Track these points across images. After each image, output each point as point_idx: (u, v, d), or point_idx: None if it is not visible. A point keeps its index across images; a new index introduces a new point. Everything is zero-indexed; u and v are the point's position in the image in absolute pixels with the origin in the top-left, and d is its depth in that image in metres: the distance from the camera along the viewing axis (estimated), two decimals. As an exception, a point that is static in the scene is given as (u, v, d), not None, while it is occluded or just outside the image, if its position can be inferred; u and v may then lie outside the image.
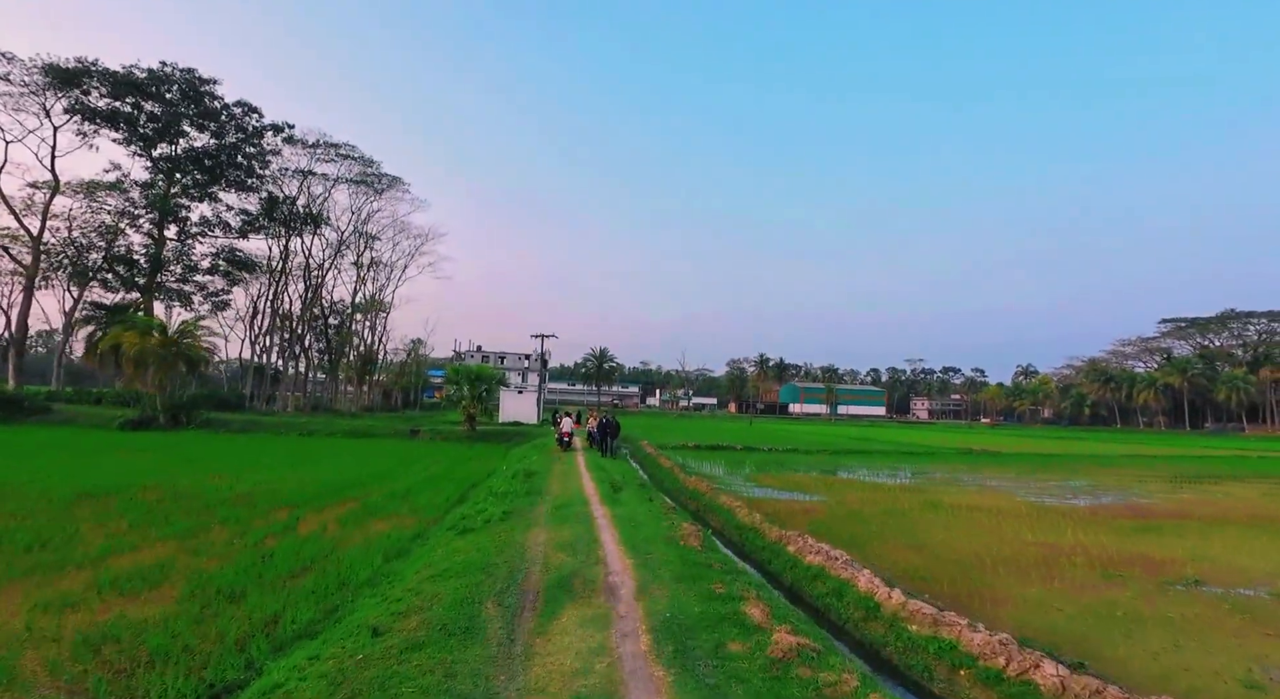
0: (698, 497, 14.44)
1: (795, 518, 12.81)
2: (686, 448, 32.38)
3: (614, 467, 18.50)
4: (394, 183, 55.09)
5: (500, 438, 33.09)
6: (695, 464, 24.22)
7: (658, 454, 24.68)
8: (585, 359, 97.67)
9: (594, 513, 10.63)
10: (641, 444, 30.87)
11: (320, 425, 32.66)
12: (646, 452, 26.98)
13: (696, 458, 27.51)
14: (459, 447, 28.69)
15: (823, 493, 17.07)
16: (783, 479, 20.00)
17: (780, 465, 25.51)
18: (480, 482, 17.20)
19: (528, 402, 45.86)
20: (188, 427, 29.77)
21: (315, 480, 15.87)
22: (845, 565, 7.58)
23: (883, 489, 18.08)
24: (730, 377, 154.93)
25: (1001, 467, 27.62)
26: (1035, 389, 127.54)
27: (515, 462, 21.48)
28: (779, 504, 14.45)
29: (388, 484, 16.01)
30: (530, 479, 15.08)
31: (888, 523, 12.55)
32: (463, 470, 19.64)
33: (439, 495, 14.18)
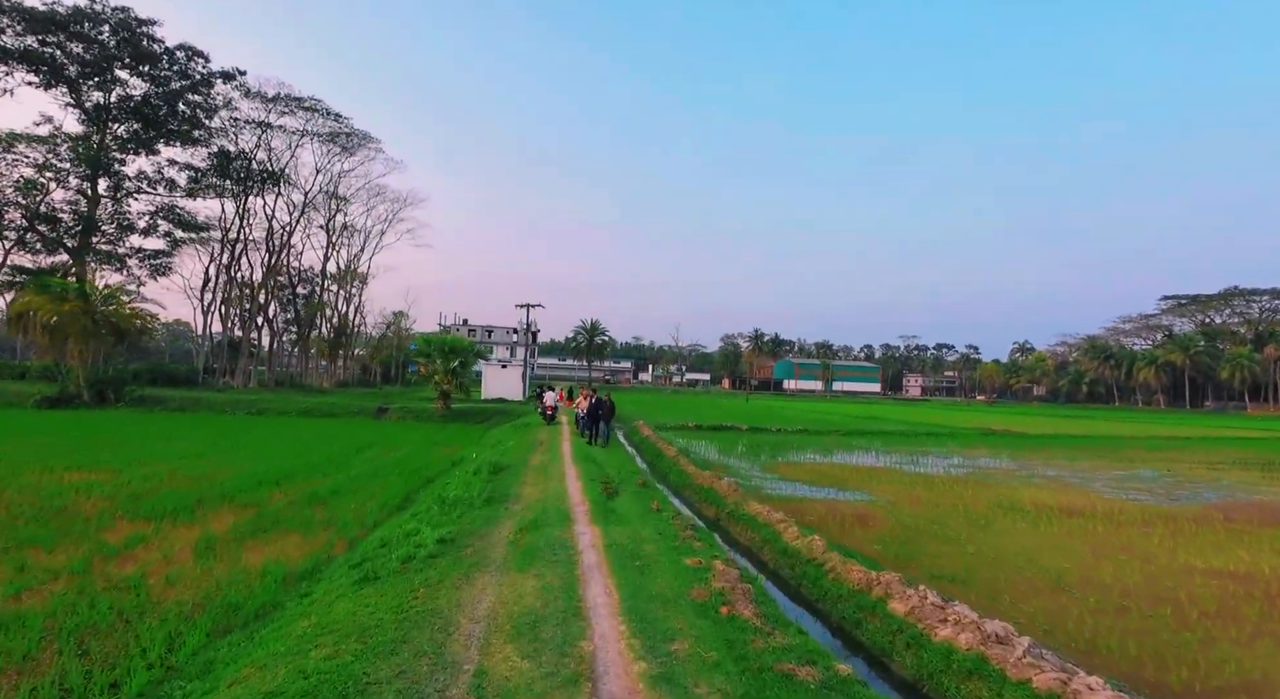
0: (717, 501, 11.05)
1: (849, 529, 9.54)
2: (687, 428, 29.11)
3: (607, 457, 15.06)
4: (365, 140, 50.43)
5: (479, 417, 29.61)
6: (701, 449, 20.94)
7: (657, 438, 21.34)
8: (576, 333, 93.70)
9: (578, 539, 7.18)
10: (637, 425, 27.55)
11: (274, 403, 28.98)
12: (644, 434, 23.63)
13: (700, 441, 24.25)
14: (429, 428, 25.19)
15: (865, 488, 13.83)
16: (807, 468, 16.72)
17: (795, 449, 22.31)
18: (440, 475, 13.77)
19: (513, 377, 42.32)
20: (116, 404, 25.98)
21: (225, 474, 12.36)
22: (1023, 664, 4.20)
23: (934, 483, 14.85)
24: (724, 352, 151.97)
25: (1041, 451, 24.62)
26: (1033, 366, 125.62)
27: (488, 448, 18.03)
28: (818, 507, 11.16)
29: (318, 479, 12.53)
30: (498, 476, 11.61)
31: (977, 538, 9.28)
32: (422, 459, 16.16)
33: (374, 498, 10.71)
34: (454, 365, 29.24)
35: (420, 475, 13.45)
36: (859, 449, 23.35)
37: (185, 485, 11.13)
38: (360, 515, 9.48)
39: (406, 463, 15.19)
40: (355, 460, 15.37)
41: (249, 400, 29.01)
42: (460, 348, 29.36)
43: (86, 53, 33.45)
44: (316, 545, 7.78)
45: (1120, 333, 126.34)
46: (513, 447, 16.70)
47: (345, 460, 15.17)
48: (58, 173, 31.18)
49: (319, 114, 44.69)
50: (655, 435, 22.71)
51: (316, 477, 12.83)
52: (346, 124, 46.76)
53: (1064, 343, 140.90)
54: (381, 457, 16.36)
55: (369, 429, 23.89)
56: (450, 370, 29.19)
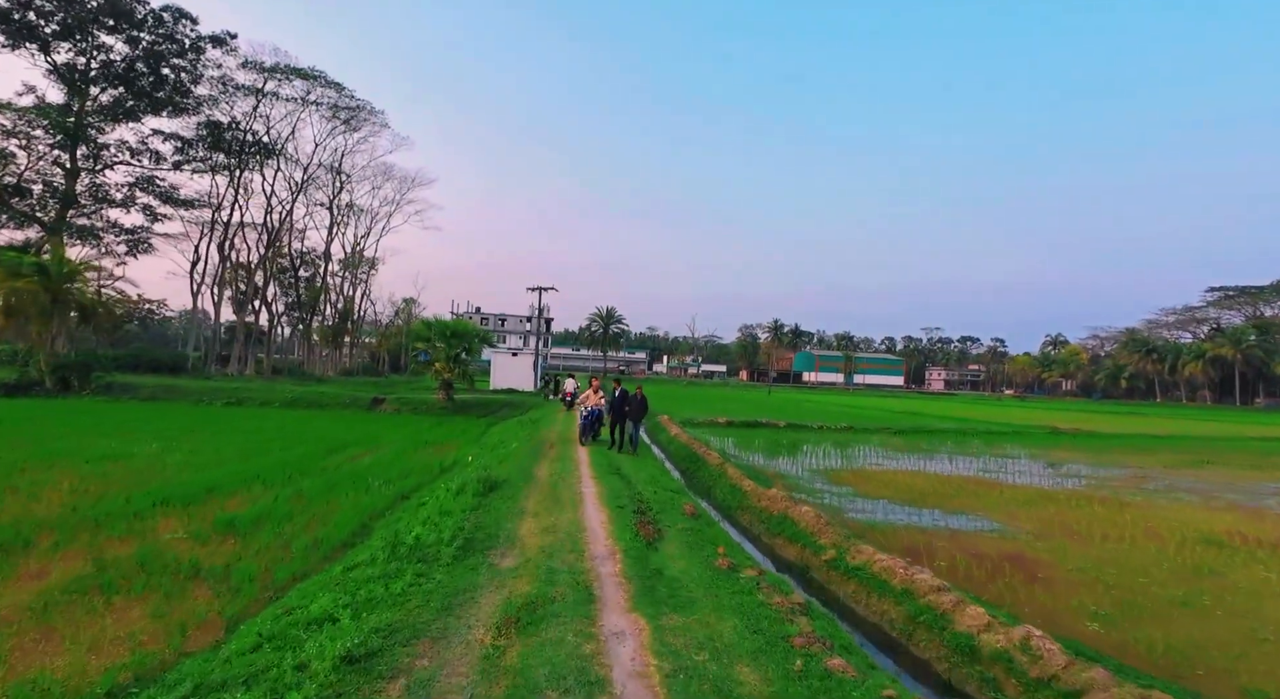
0: (802, 539, 7.69)
1: (1015, 586, 6.32)
2: (717, 425, 25.76)
3: (635, 468, 11.72)
4: (369, 113, 47.36)
5: (483, 410, 26.50)
6: (743, 453, 17.60)
7: (690, 439, 18.00)
8: (590, 321, 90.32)
9: (612, 654, 3.88)
10: (661, 420, 24.28)
11: (258, 392, 26.10)
12: (671, 433, 20.32)
13: (735, 439, 20.90)
14: (425, 422, 22.11)
15: (980, 510, 10.46)
16: (884, 480, 13.30)
17: (849, 451, 18.88)
18: (422, 487, 10.60)
19: (523, 366, 39.19)
20: (81, 392, 23.25)
21: (132, 484, 9.32)
22: None
23: (1059, 501, 11.39)
24: (742, 343, 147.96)
25: (1136, 455, 20.91)
26: (1066, 360, 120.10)
27: (488, 450, 14.83)
28: (941, 543, 7.88)
29: (255, 491, 9.42)
30: (490, 498, 8.36)
31: (1222, 599, 5.89)
32: (404, 463, 13.00)
33: (311, 530, 7.54)
34: (457, 352, 26.12)
35: (394, 489, 10.27)
36: (924, 452, 19.84)
37: (61, 501, 8.06)
38: (272, 563, 6.30)
39: (383, 469, 12.03)
40: (320, 465, 12.25)
41: (230, 389, 26.18)
42: (464, 333, 26.20)
43: (62, 10, 30.60)
44: (158, 633, 4.59)
45: (1160, 326, 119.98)
46: (517, 450, 13.46)
47: (306, 465, 12.05)
48: (27, 140, 28.49)
49: (319, 84, 41.67)
50: (686, 434, 19.38)
51: (255, 489, 9.72)
52: (349, 95, 43.70)
53: (1096, 336, 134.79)
54: (355, 460, 13.22)
55: (356, 423, 20.86)
56: (453, 358, 26.07)
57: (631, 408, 13.86)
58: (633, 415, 13.90)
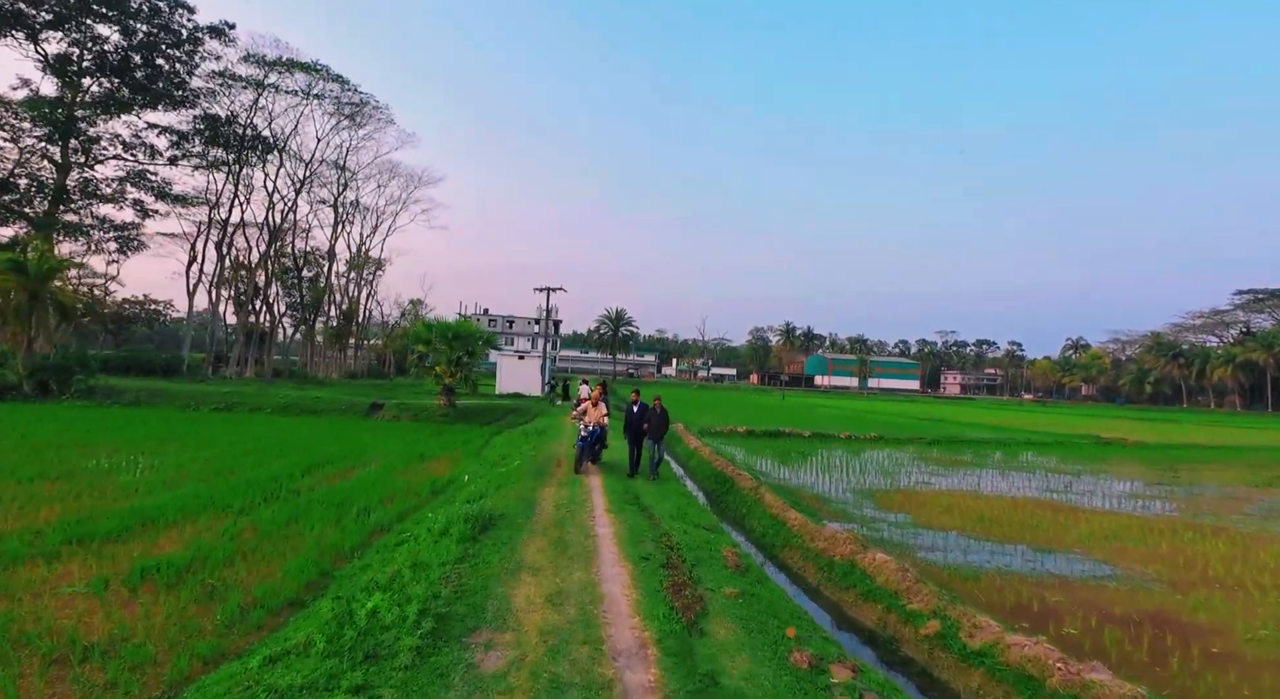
0: (884, 598, 5.92)
1: (1191, 668, 4.46)
2: (737, 435, 23.96)
3: (658, 497, 9.92)
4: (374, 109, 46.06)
5: (487, 417, 24.87)
6: (769, 466, 15.84)
7: (713, 454, 16.21)
8: (600, 323, 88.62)
9: None
10: (677, 428, 22.54)
11: (250, 397, 24.63)
12: (691, 445, 18.56)
13: (760, 452, 19.09)
14: (424, 431, 20.50)
15: (1077, 547, 8.69)
16: (942, 503, 11.46)
17: (888, 466, 17.03)
18: (405, 517, 8.95)
19: (530, 369, 37.59)
20: (61, 396, 21.87)
21: (57, 514, 7.72)
22: None
23: (1170, 533, 9.51)
24: (753, 346, 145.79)
25: (1203, 469, 18.89)
26: (1088, 364, 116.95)
27: (488, 467, 13.14)
28: (1053, 597, 6.08)
29: (189, 529, 7.77)
30: (481, 542, 6.63)
31: None
32: (390, 485, 11.33)
33: (249, 585, 5.86)
34: (459, 355, 24.51)
35: (372, 520, 8.60)
36: (969, 466, 17.95)
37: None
38: (181, 637, 4.63)
39: (364, 492, 10.37)
40: (291, 487, 10.60)
41: (222, 393, 24.72)
42: (466, 335, 24.57)
43: (52, 0, 29.42)
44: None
45: (1185, 329, 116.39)
46: (519, 468, 11.76)
47: (275, 486, 10.42)
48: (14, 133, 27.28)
49: (322, 78, 40.35)
50: (707, 447, 17.60)
51: (202, 519, 8.08)
52: (352, 88, 42.35)
53: (1116, 340, 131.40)
54: (336, 480, 11.58)
55: (349, 432, 19.27)
56: (455, 361, 24.46)
57: (652, 424, 11.71)
58: (654, 433, 11.73)
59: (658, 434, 11.74)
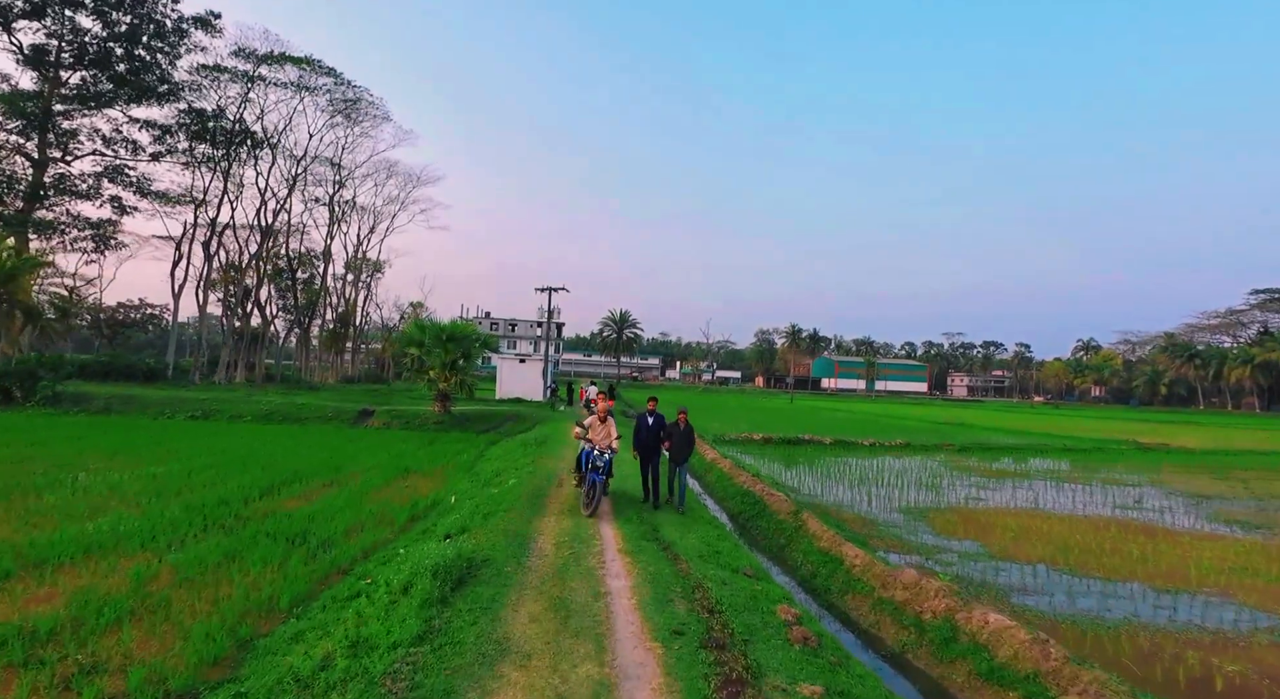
0: (1017, 682, 4.18)
1: None
2: (754, 442, 22.25)
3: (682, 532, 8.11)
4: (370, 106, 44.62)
5: (485, 424, 23.22)
6: (797, 480, 14.12)
7: (733, 468, 14.52)
8: (603, 325, 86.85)
9: None
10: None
11: (229, 404, 23.03)
12: (707, 457, 16.84)
13: (781, 463, 17.37)
14: (414, 441, 18.84)
15: (1205, 586, 6.88)
16: (1008, 527, 9.72)
17: (927, 478, 15.31)
18: (372, 553, 7.30)
19: (531, 373, 35.94)
20: (25, 403, 20.32)
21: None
22: None
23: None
24: (758, 348, 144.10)
25: (1268, 479, 17.08)
26: (1100, 365, 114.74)
27: (480, 488, 11.45)
28: (1225, 659, 4.31)
29: (91, 572, 6.11)
30: (449, 608, 4.93)
31: None
32: (359, 512, 9.65)
33: (128, 668, 4.17)
34: (455, 358, 22.87)
35: (329, 559, 6.93)
36: (1016, 477, 16.21)
37: None
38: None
39: (325, 522, 8.70)
40: (243, 512, 8.95)
41: (201, 400, 23.13)
42: (462, 336, 22.93)
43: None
44: None
45: (1199, 329, 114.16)
46: (514, 488, 10.08)
47: (224, 512, 8.76)
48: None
49: (314, 71, 38.88)
50: (727, 460, 15.89)
51: (114, 557, 6.42)
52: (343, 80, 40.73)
53: (1127, 341, 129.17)
54: (293, 505, 9.92)
55: (330, 442, 17.62)
56: (450, 365, 22.82)
57: (674, 443, 9.54)
58: (677, 455, 9.53)
59: (682, 456, 9.55)
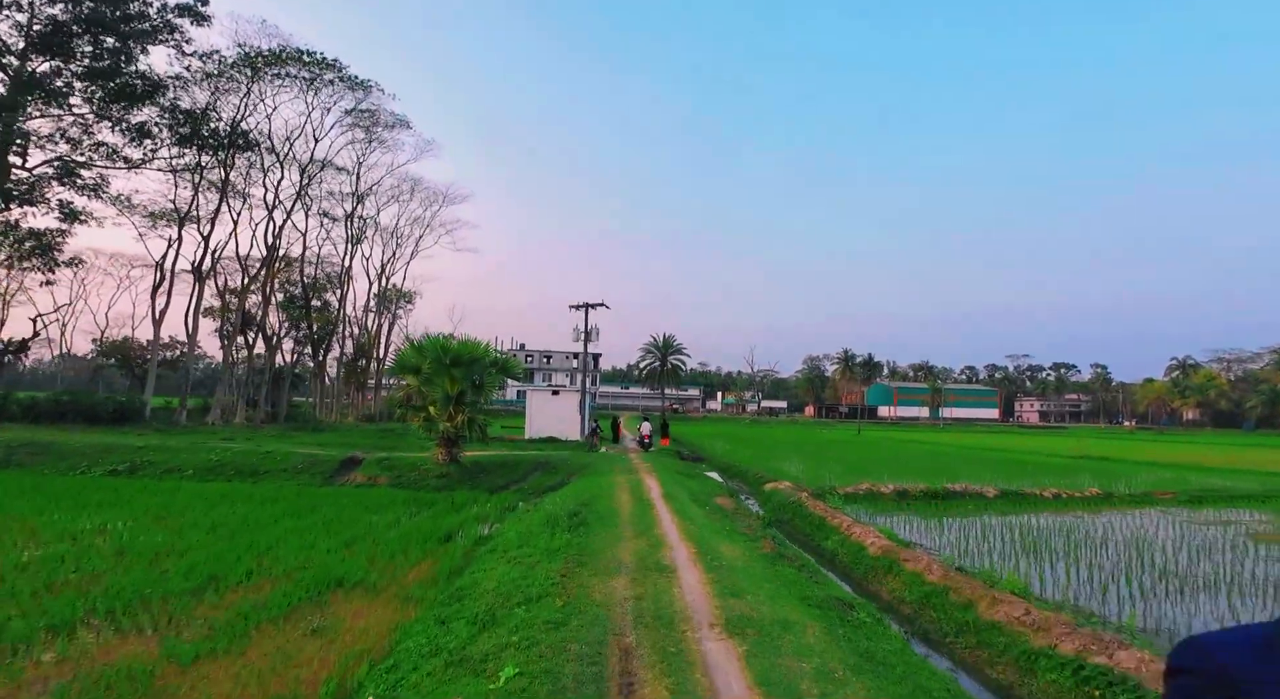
0: None
1: None
2: (883, 497, 15.39)
3: None
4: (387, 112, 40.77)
5: (501, 477, 17.15)
6: (1032, 577, 7.36)
7: (941, 572, 7.74)
8: (645, 352, 79.79)
9: None
10: (780, 488, 14.31)
11: (172, 453, 17.59)
12: (847, 530, 10.09)
13: (955, 536, 10.54)
14: (394, 509, 12.81)
15: None
16: None
17: (1222, 558, 8.29)
18: None
19: (567, 407, 29.96)
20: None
21: None
22: None
23: None
24: (808, 376, 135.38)
25: None
26: (1203, 386, 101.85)
27: (465, 627, 5.17)
28: None
29: None
30: None
31: None
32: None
33: None
34: (462, 389, 17.00)
35: None
36: None
37: None
38: None
39: None
40: None
41: (136, 448, 17.80)
42: (471, 359, 17.10)
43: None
44: None
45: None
46: (539, 658, 3.75)
47: None
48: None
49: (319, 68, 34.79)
50: (878, 538, 9.17)
51: None
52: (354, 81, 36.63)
53: (1220, 359, 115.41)
54: None
55: (273, 513, 11.76)
56: (456, 398, 16.94)
57: None
58: None
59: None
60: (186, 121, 28.32)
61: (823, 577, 7.60)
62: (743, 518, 10.89)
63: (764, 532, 9.25)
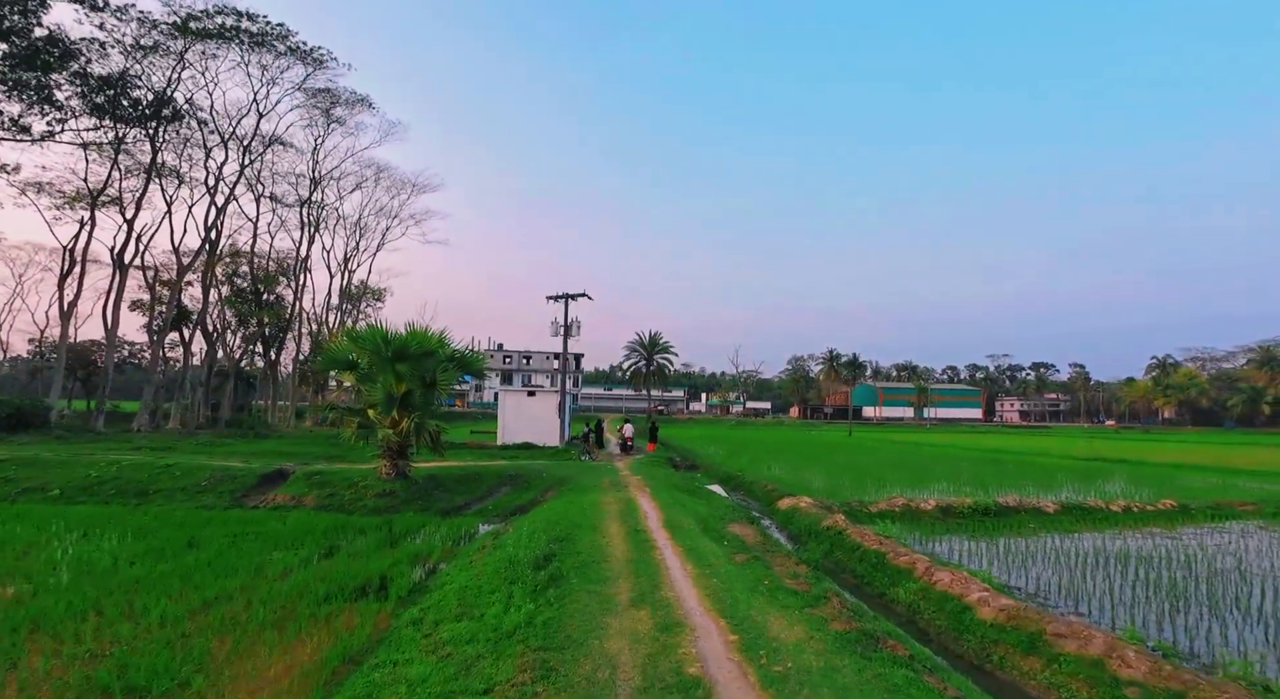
0: None
1: None
2: (920, 513, 12.63)
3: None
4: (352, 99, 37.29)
5: (458, 495, 14.03)
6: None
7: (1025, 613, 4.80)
8: (630, 351, 76.09)
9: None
10: (799, 505, 11.47)
11: (39, 470, 14.12)
12: (915, 575, 7.20)
13: (1039, 572, 7.79)
14: (305, 545, 9.65)
15: None
16: None
17: None
18: None
19: (544, 409, 26.82)
20: None
21: None
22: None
23: None
24: (793, 376, 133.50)
25: None
26: (1184, 385, 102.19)
27: None
28: None
29: None
30: None
31: None
32: None
33: None
34: (409, 390, 13.83)
35: None
36: None
37: None
38: None
39: None
40: None
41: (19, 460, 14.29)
42: (420, 352, 13.92)
43: None
44: None
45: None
46: None
47: None
48: None
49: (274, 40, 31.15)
50: (1011, 607, 6.31)
51: None
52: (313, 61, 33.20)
53: (1196, 359, 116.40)
54: None
55: (139, 555, 8.55)
56: (402, 399, 13.76)
57: None
58: None
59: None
60: (101, 89, 24.55)
61: (942, 671, 4.70)
62: (777, 556, 7.97)
63: (820, 585, 6.33)
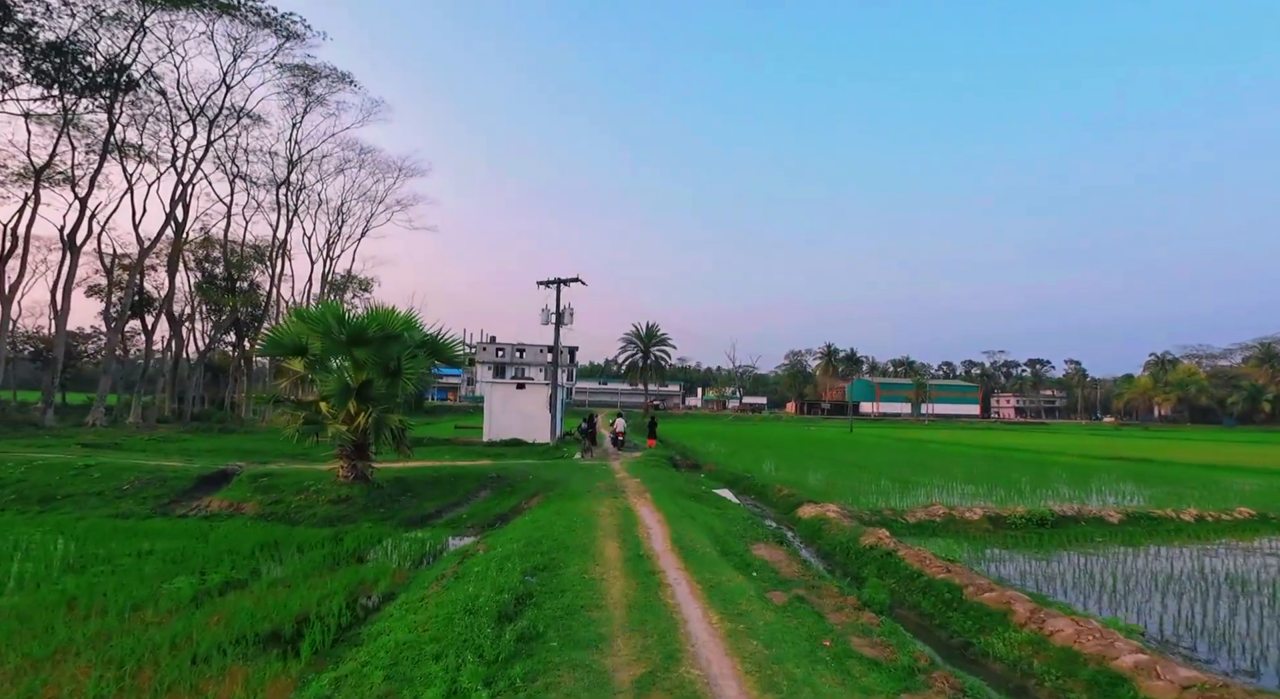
0: None
1: None
2: (969, 526, 10.81)
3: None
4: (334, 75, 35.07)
5: (427, 502, 12.12)
6: None
7: None
8: (626, 343, 73.90)
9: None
10: (825, 513, 9.64)
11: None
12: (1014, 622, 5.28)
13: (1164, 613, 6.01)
14: (225, 570, 7.64)
15: None
16: None
17: None
18: None
19: (533, 403, 24.96)
20: None
21: None
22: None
23: None
24: (790, 372, 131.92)
25: None
26: (1186, 381, 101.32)
27: None
28: None
29: None
30: None
31: None
32: None
33: None
34: (368, 379, 11.89)
35: None
36: None
37: None
38: None
39: None
40: None
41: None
42: (382, 335, 11.95)
43: None
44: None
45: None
46: None
47: None
48: None
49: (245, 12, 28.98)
50: (1190, 680, 4.46)
51: None
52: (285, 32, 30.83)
53: (1194, 356, 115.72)
54: None
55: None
56: (360, 389, 11.82)
57: None
58: None
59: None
60: (46, 56, 22.35)
61: None
62: (825, 593, 6.08)
63: (907, 650, 4.44)
